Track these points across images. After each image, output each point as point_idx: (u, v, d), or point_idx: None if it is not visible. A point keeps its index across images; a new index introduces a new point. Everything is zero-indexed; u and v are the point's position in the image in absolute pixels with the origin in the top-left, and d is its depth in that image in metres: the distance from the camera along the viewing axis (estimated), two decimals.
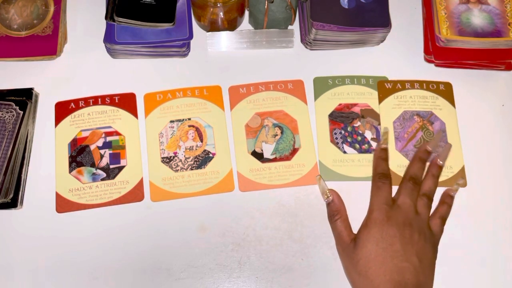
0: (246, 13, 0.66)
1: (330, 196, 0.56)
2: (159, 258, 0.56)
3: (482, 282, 0.56)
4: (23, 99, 0.60)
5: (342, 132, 0.61)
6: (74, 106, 0.62)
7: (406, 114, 0.62)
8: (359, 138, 0.61)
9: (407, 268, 0.48)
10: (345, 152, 0.60)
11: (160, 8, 0.62)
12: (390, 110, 0.62)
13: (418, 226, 0.51)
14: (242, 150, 0.60)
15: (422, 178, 0.56)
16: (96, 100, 0.62)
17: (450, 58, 0.63)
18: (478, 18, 0.63)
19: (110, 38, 0.61)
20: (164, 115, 0.61)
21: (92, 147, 0.60)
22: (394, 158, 0.59)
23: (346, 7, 0.62)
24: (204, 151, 0.60)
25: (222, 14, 0.61)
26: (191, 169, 0.59)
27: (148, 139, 0.60)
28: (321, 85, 0.63)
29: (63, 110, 0.61)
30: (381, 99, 0.62)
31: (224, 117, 0.62)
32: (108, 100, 0.62)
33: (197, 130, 0.61)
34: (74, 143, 0.60)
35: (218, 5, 0.59)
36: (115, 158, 0.59)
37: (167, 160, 0.59)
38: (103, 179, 0.58)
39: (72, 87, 0.63)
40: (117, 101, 0.62)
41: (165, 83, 0.63)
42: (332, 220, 0.55)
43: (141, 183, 0.58)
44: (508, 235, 0.57)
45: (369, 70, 0.64)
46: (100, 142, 0.60)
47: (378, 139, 0.61)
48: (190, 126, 0.61)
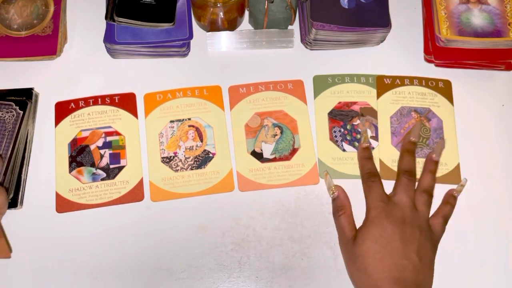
0: (246, 13, 0.66)
1: (336, 191, 0.56)
2: (159, 258, 0.56)
3: (476, 279, 0.56)
4: (23, 99, 0.60)
5: (342, 130, 0.61)
6: (74, 106, 0.62)
7: (403, 109, 0.62)
8: (359, 136, 0.61)
9: (407, 265, 0.48)
10: (344, 150, 0.60)
11: (160, 8, 0.62)
12: (388, 105, 0.62)
13: (418, 223, 0.51)
14: (242, 150, 0.60)
15: (415, 170, 0.56)
16: (96, 100, 0.62)
17: (450, 58, 0.63)
18: (478, 18, 0.63)
19: (110, 38, 0.61)
20: (164, 115, 0.61)
21: (92, 147, 0.60)
22: (390, 153, 0.60)
23: (346, 7, 0.62)
24: (204, 151, 0.60)
25: (222, 14, 0.61)
26: (191, 169, 0.59)
27: (148, 139, 0.60)
28: (320, 83, 0.63)
29: (63, 110, 0.61)
30: (379, 94, 0.62)
31: (224, 117, 0.62)
32: (108, 100, 0.62)
33: (197, 130, 0.61)
34: (74, 143, 0.60)
35: (218, 5, 0.59)
36: (115, 158, 0.59)
37: (167, 160, 0.59)
38: (103, 179, 0.58)
39: (72, 87, 0.63)
40: (117, 101, 0.62)
41: (165, 83, 0.63)
42: (336, 215, 0.55)
43: (141, 183, 0.58)
44: (502, 234, 0.57)
45: (369, 70, 0.64)
46: (100, 142, 0.60)
47: (377, 138, 0.61)
48: (190, 126, 0.61)
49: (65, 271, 0.55)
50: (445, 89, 0.63)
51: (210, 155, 0.60)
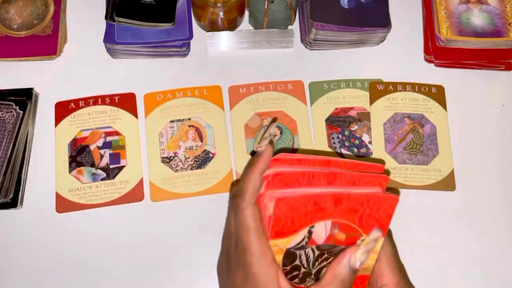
0: (246, 13, 0.66)
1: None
2: (159, 258, 0.56)
3: (470, 284, 0.56)
4: (23, 99, 0.60)
5: (340, 136, 0.61)
6: (74, 106, 0.62)
7: (396, 116, 0.62)
8: (357, 142, 0.60)
9: None
10: (343, 156, 0.60)
11: (160, 8, 0.62)
12: (381, 111, 0.62)
13: None
14: (241, 150, 0.60)
15: None
16: (96, 100, 0.62)
17: (450, 58, 0.63)
18: (478, 18, 0.63)
19: (110, 38, 0.61)
20: (164, 115, 0.61)
21: (92, 147, 0.60)
22: (383, 160, 0.59)
23: (346, 7, 0.62)
24: (204, 151, 0.60)
25: (222, 14, 0.61)
26: (191, 169, 0.59)
27: (148, 139, 0.60)
28: (316, 90, 0.63)
29: (63, 110, 0.61)
30: (372, 101, 0.62)
31: (224, 117, 0.62)
32: (108, 100, 0.62)
33: (197, 130, 0.61)
34: (74, 143, 0.60)
35: (218, 5, 0.59)
36: (115, 158, 0.59)
37: (167, 160, 0.59)
38: (103, 179, 0.58)
39: (72, 87, 0.63)
40: (117, 101, 0.62)
41: (165, 83, 0.63)
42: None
43: (141, 183, 0.58)
44: (496, 240, 0.57)
45: (368, 70, 0.64)
46: (100, 142, 0.60)
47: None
48: (190, 126, 0.61)
49: (65, 271, 0.55)
50: (438, 94, 0.63)
51: (210, 155, 0.60)
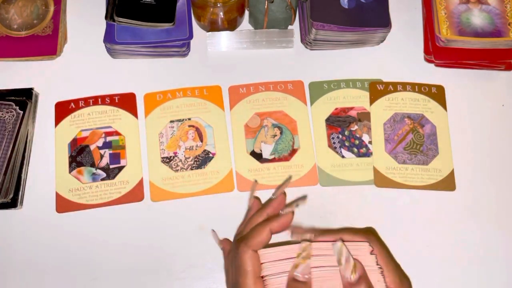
0: (246, 13, 0.66)
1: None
2: (159, 258, 0.56)
3: (470, 284, 0.56)
4: (23, 99, 0.60)
5: (340, 136, 0.61)
6: (74, 106, 0.62)
7: (396, 116, 0.62)
8: (357, 142, 0.60)
9: None
10: (343, 156, 0.60)
11: (160, 8, 0.62)
12: (381, 111, 0.62)
13: None
14: (241, 150, 0.60)
15: None
16: (96, 100, 0.62)
17: (450, 58, 0.63)
18: (478, 18, 0.63)
19: (110, 38, 0.61)
20: (164, 115, 0.61)
21: (92, 147, 0.60)
22: (383, 160, 0.59)
23: (346, 7, 0.62)
24: (204, 151, 0.60)
25: (222, 14, 0.61)
26: (191, 169, 0.59)
27: (148, 139, 0.60)
28: (316, 90, 0.63)
29: (63, 110, 0.61)
30: (372, 101, 0.62)
31: (224, 117, 0.62)
32: (108, 100, 0.62)
33: (197, 130, 0.61)
34: (74, 143, 0.60)
35: (218, 5, 0.59)
36: (115, 158, 0.59)
37: (167, 160, 0.59)
38: (103, 179, 0.58)
39: (72, 87, 0.63)
40: (117, 101, 0.62)
41: (165, 83, 0.63)
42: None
43: (141, 183, 0.58)
44: (496, 240, 0.57)
45: (368, 70, 0.64)
46: (100, 142, 0.60)
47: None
48: (190, 126, 0.61)
49: (65, 271, 0.55)
50: (438, 94, 0.63)
51: (210, 155, 0.60)
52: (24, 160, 0.59)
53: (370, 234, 0.41)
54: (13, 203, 0.57)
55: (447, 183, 0.59)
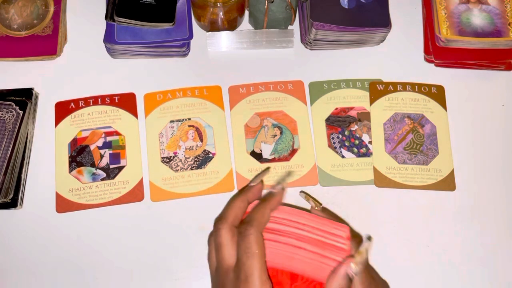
0: (246, 13, 0.66)
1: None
2: (159, 258, 0.56)
3: (470, 284, 0.56)
4: (23, 99, 0.60)
5: (340, 136, 0.61)
6: (74, 106, 0.62)
7: (396, 116, 0.62)
8: (357, 142, 0.60)
9: None
10: (343, 156, 0.60)
11: (160, 8, 0.62)
12: (381, 111, 0.62)
13: None
14: (241, 150, 0.60)
15: None
16: (96, 100, 0.62)
17: (450, 58, 0.63)
18: (478, 18, 0.63)
19: (110, 38, 0.61)
20: (164, 115, 0.61)
21: (92, 147, 0.60)
22: (383, 160, 0.59)
23: (346, 7, 0.62)
24: (204, 151, 0.60)
25: (222, 14, 0.61)
26: (191, 169, 0.59)
27: (148, 139, 0.60)
28: (316, 90, 0.63)
29: (63, 110, 0.61)
30: (372, 101, 0.62)
31: (224, 117, 0.62)
32: (108, 100, 0.62)
33: (197, 130, 0.61)
34: (74, 143, 0.60)
35: (218, 5, 0.59)
36: (115, 158, 0.59)
37: (167, 160, 0.59)
38: (103, 179, 0.58)
39: (72, 87, 0.63)
40: (117, 101, 0.62)
41: (165, 83, 0.63)
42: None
43: (141, 183, 0.58)
44: (496, 240, 0.57)
45: (368, 70, 0.64)
46: (100, 142, 0.60)
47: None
48: (190, 126, 0.61)
49: (65, 271, 0.55)
50: (438, 94, 0.63)
51: (210, 155, 0.60)
52: (24, 160, 0.59)
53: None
54: (13, 203, 0.57)
55: (447, 183, 0.59)
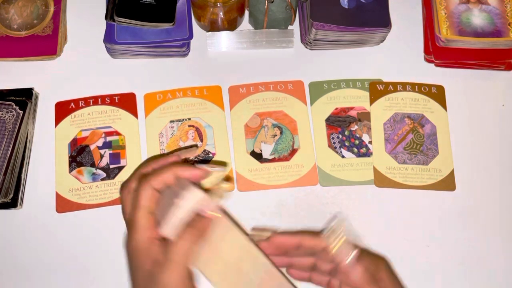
0: (246, 13, 0.66)
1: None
2: None
3: (470, 284, 0.56)
4: (23, 99, 0.60)
5: (340, 136, 0.61)
6: (74, 106, 0.62)
7: (397, 116, 0.62)
8: (357, 142, 0.60)
9: None
10: (343, 156, 0.60)
11: (160, 8, 0.62)
12: (381, 111, 0.62)
13: None
14: (241, 150, 0.60)
15: None
16: (96, 100, 0.62)
17: (450, 58, 0.63)
18: (478, 18, 0.63)
19: (110, 38, 0.61)
20: (164, 115, 0.61)
21: (92, 147, 0.60)
22: (383, 160, 0.59)
23: (346, 7, 0.62)
24: (204, 151, 0.60)
25: (222, 14, 0.61)
26: None
27: (148, 139, 0.60)
28: (316, 90, 0.63)
29: (63, 110, 0.61)
30: (372, 101, 0.62)
31: (224, 117, 0.62)
32: (108, 100, 0.62)
33: (197, 130, 0.61)
34: (74, 143, 0.60)
35: (218, 5, 0.59)
36: (115, 158, 0.59)
37: None
38: (103, 179, 0.58)
39: (72, 87, 0.63)
40: (117, 101, 0.62)
41: (165, 83, 0.63)
42: None
43: None
44: (496, 240, 0.57)
45: (368, 70, 0.64)
46: (100, 142, 0.60)
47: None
48: (190, 126, 0.61)
49: (65, 271, 0.55)
50: (438, 94, 0.63)
51: (210, 155, 0.60)
52: (24, 160, 0.59)
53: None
54: (13, 203, 0.57)
55: (447, 183, 0.59)
